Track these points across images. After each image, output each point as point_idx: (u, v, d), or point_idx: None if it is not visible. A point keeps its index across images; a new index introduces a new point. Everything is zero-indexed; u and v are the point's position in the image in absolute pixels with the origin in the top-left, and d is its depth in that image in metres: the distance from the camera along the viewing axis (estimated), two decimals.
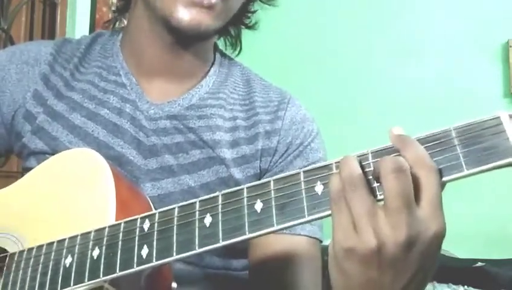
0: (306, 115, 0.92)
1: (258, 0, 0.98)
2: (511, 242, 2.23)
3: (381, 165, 0.50)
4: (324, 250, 0.70)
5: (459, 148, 0.50)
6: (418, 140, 0.52)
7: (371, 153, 0.54)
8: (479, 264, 1.94)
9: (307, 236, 0.85)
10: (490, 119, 0.50)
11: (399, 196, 0.49)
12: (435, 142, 0.52)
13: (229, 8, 0.84)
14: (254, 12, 0.99)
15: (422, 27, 2.55)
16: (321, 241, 0.87)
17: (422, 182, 0.50)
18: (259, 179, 0.85)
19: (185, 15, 0.79)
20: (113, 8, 1.02)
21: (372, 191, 0.52)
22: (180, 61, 0.89)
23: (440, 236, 0.51)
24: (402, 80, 2.52)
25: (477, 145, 0.50)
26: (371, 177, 0.52)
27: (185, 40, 0.86)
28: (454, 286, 1.84)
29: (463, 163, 0.50)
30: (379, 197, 0.51)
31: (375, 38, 2.59)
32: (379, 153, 0.53)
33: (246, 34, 1.02)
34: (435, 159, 0.51)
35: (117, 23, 1.01)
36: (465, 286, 1.84)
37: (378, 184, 0.51)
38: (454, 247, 2.06)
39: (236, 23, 0.98)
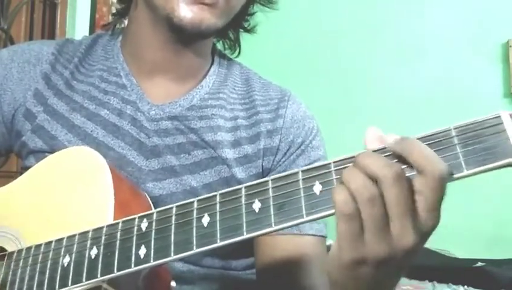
0: (306, 112, 0.92)
1: (258, 3, 0.98)
2: (511, 242, 2.23)
3: (385, 173, 0.50)
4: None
5: (459, 147, 0.50)
6: (418, 138, 0.52)
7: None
8: (479, 264, 1.93)
9: (315, 235, 0.85)
10: (490, 119, 0.50)
11: (401, 204, 0.50)
12: (434, 142, 0.51)
13: (231, 7, 0.84)
14: (253, 14, 0.99)
15: (422, 27, 2.55)
16: (326, 237, 0.88)
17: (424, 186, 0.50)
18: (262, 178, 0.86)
19: (187, 13, 0.79)
20: (113, 11, 1.01)
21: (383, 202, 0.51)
22: (181, 61, 0.89)
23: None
24: (402, 79, 2.52)
25: (477, 145, 0.49)
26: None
27: (186, 38, 0.85)
28: (454, 286, 1.84)
29: (463, 163, 0.49)
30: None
31: (376, 39, 2.59)
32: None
33: (246, 34, 1.02)
34: None
35: (116, 25, 1.01)
36: (465, 286, 1.83)
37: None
38: (454, 247, 2.06)
39: (235, 27, 0.98)
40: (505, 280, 1.83)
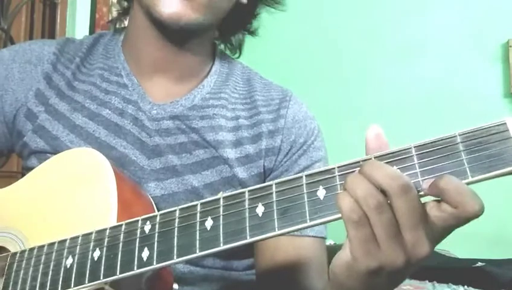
0: (307, 112, 0.92)
1: (265, 5, 0.97)
2: (511, 242, 2.23)
3: (391, 185, 0.50)
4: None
5: (464, 154, 0.49)
6: (423, 145, 0.51)
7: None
8: (479, 264, 1.93)
9: (315, 237, 0.85)
10: (496, 125, 0.49)
11: (411, 213, 0.50)
12: (439, 148, 0.51)
13: (212, 3, 0.82)
14: (257, 15, 0.99)
15: (423, 27, 2.55)
16: (325, 239, 0.88)
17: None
18: (264, 178, 0.86)
19: (166, 8, 0.79)
20: (118, 9, 1.01)
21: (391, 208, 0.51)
22: (179, 60, 0.89)
23: None
24: (402, 80, 2.53)
25: (483, 152, 0.49)
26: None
27: (174, 35, 0.85)
28: (454, 286, 1.84)
29: (468, 170, 0.49)
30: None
31: (376, 39, 2.59)
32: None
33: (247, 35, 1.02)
34: (439, 164, 0.50)
35: (118, 23, 1.01)
36: (465, 286, 1.83)
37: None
38: (454, 247, 2.06)
39: (237, 30, 0.98)
40: (505, 280, 1.83)
